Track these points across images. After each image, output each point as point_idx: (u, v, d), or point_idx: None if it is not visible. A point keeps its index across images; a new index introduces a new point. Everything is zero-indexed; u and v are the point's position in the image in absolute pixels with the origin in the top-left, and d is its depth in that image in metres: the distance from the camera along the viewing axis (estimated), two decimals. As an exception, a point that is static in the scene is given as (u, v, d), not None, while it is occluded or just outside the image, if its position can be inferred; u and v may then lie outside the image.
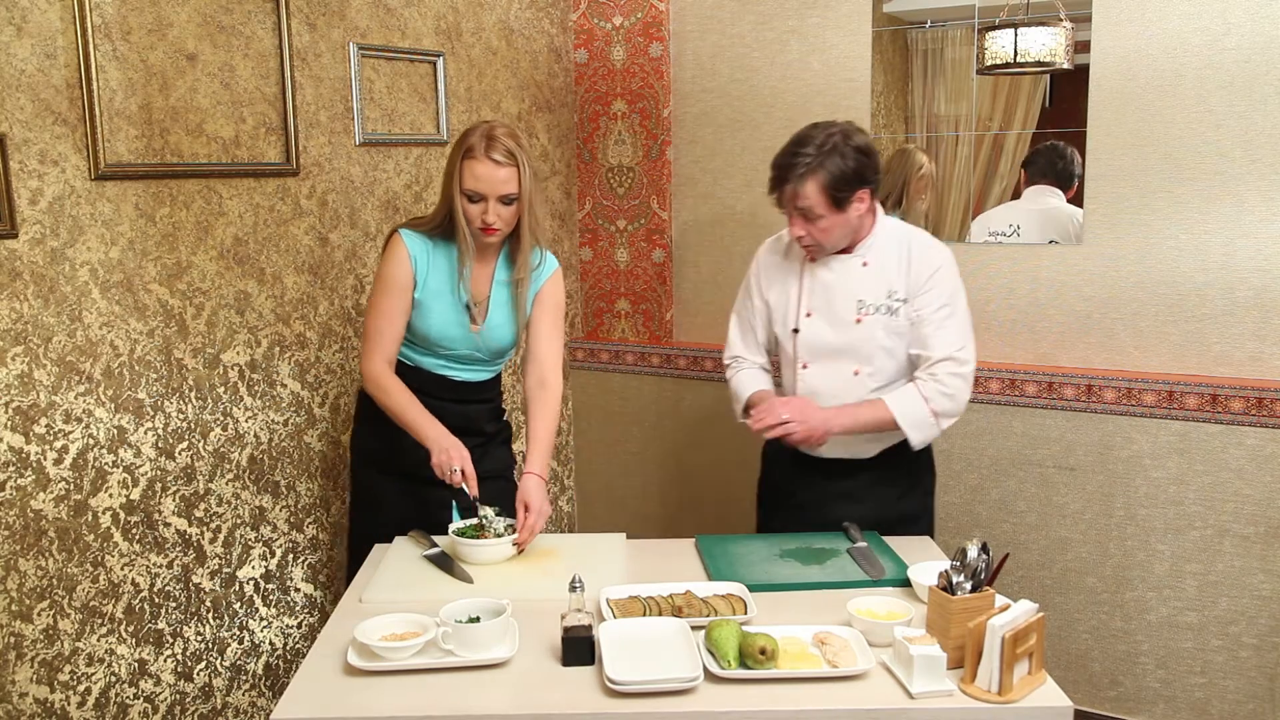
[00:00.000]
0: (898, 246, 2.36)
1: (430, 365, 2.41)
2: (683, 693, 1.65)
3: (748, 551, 2.24)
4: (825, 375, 2.38)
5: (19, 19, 2.12)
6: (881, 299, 2.34)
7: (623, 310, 3.74)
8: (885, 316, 2.33)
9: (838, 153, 2.22)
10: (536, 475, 2.28)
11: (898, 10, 3.20)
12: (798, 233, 2.30)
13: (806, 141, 2.24)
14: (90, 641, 2.35)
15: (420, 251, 2.32)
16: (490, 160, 2.23)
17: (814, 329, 2.38)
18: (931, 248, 2.36)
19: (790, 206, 2.27)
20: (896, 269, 2.34)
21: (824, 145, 2.22)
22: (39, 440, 2.22)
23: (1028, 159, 3.06)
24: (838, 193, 2.23)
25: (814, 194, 2.22)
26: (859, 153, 2.24)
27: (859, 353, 2.35)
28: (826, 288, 2.37)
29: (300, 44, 2.69)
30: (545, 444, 2.35)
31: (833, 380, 2.38)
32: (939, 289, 2.33)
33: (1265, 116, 2.72)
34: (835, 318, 2.36)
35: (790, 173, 2.23)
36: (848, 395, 2.36)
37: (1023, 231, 3.07)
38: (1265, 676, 2.84)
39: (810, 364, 2.40)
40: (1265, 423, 2.75)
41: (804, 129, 2.30)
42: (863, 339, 2.34)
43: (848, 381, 2.37)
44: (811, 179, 2.22)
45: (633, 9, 3.53)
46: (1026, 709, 1.64)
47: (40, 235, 2.19)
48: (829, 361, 2.38)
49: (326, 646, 1.82)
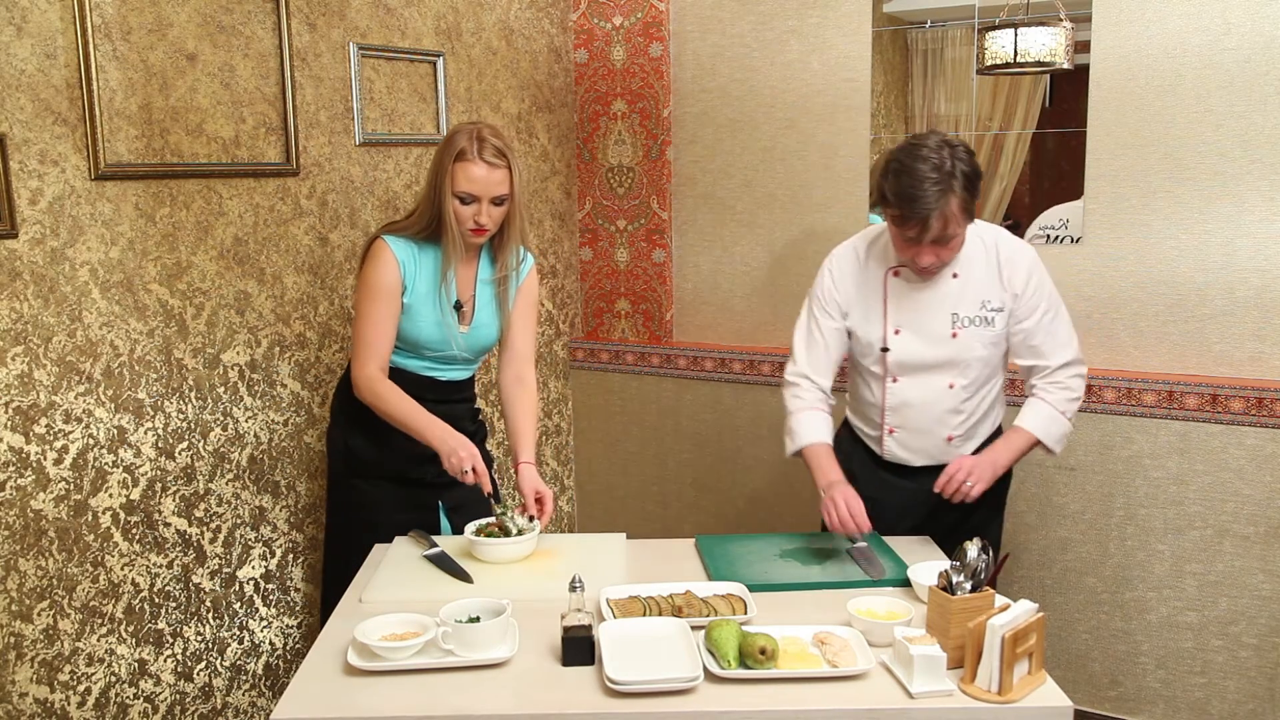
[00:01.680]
0: (985, 254, 2.29)
1: (414, 367, 2.41)
2: (683, 693, 1.65)
3: (748, 551, 2.25)
4: (917, 387, 2.33)
5: (19, 19, 2.12)
6: (975, 310, 2.28)
7: (623, 310, 3.74)
8: (981, 329, 2.29)
9: (958, 159, 2.12)
10: (532, 464, 2.38)
11: (898, 10, 3.20)
12: (929, 261, 2.18)
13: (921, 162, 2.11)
14: (90, 641, 2.35)
15: (407, 256, 2.32)
16: (484, 162, 2.23)
17: (904, 345, 2.31)
18: (1018, 251, 2.30)
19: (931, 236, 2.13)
20: (988, 279, 2.28)
21: (941, 162, 2.10)
22: (39, 440, 2.22)
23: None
24: (973, 199, 2.15)
25: (956, 213, 2.12)
26: (969, 153, 2.16)
27: (955, 365, 2.31)
28: (915, 303, 2.30)
29: (300, 44, 2.69)
30: (531, 436, 2.45)
31: (925, 391, 2.33)
32: (1038, 294, 2.29)
33: (1265, 116, 2.72)
34: (928, 333, 2.30)
35: (931, 202, 2.09)
36: (941, 405, 2.33)
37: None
38: (1265, 676, 2.84)
39: (901, 377, 2.34)
40: (1265, 423, 2.75)
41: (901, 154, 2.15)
42: (959, 352, 2.30)
43: (941, 394, 2.33)
44: (953, 197, 2.11)
45: (633, 9, 3.53)
46: (1026, 709, 1.64)
47: (40, 235, 2.19)
48: (922, 375, 2.33)
49: (326, 646, 1.82)
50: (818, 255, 3.35)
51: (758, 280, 3.51)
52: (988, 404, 2.39)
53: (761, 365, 3.46)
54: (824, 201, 3.34)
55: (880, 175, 2.22)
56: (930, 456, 2.37)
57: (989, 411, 2.41)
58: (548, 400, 3.72)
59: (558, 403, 3.78)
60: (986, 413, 2.40)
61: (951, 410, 2.34)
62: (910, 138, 2.22)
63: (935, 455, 2.37)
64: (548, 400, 3.72)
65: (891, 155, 2.20)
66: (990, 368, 2.34)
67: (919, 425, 2.36)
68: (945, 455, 2.35)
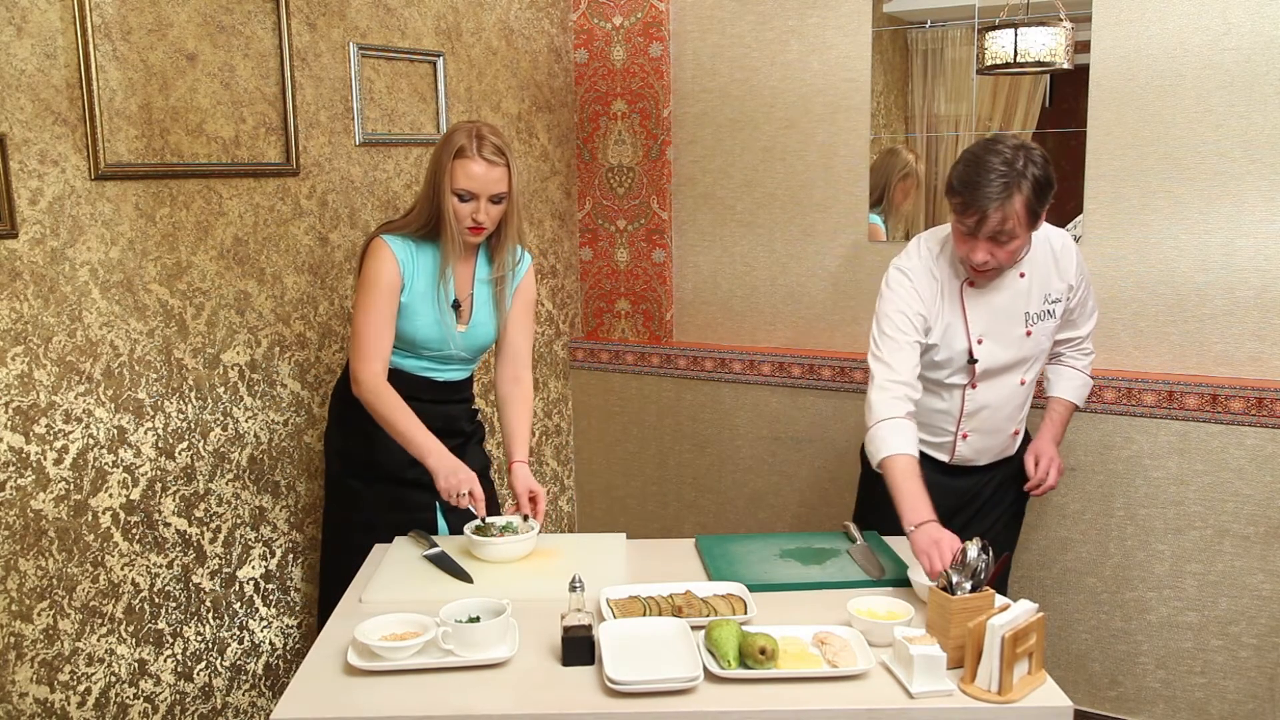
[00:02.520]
0: (1042, 250, 2.33)
1: (412, 367, 2.41)
2: (683, 693, 1.65)
3: (748, 551, 2.25)
4: (994, 390, 2.37)
5: (19, 19, 2.12)
6: (1041, 305, 2.34)
7: (623, 310, 3.74)
8: (1047, 322, 2.36)
9: (1032, 162, 2.10)
10: (525, 463, 2.39)
11: (898, 10, 3.20)
12: (981, 258, 2.16)
13: (996, 156, 2.10)
14: (90, 641, 2.35)
15: (405, 255, 2.32)
16: (483, 160, 2.24)
17: (990, 354, 2.32)
18: (1068, 242, 2.39)
19: (988, 231, 2.12)
20: (1048, 273, 2.34)
21: (1015, 161, 2.09)
22: (39, 440, 2.22)
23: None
24: (1038, 208, 2.13)
25: (1020, 212, 2.10)
26: (1045, 161, 2.13)
27: (1026, 362, 2.37)
28: (992, 309, 2.30)
29: (300, 44, 2.69)
30: (526, 435, 2.46)
31: (999, 392, 2.38)
32: (1085, 274, 2.43)
33: (1265, 116, 2.72)
34: (1006, 336, 2.32)
35: (994, 193, 2.08)
36: (1012, 402, 2.40)
37: None
38: (1265, 676, 2.84)
39: (980, 384, 2.36)
40: (1265, 423, 2.75)
41: (981, 147, 2.14)
42: (1032, 349, 2.36)
43: (1013, 391, 2.39)
44: (1019, 195, 2.08)
45: (633, 9, 3.53)
46: (1026, 709, 1.64)
47: (40, 235, 2.19)
48: (998, 377, 2.36)
49: (326, 646, 1.82)
50: (818, 255, 3.38)
51: (758, 280, 3.51)
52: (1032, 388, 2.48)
53: (761, 365, 3.46)
54: (824, 201, 3.34)
55: (952, 167, 2.19)
56: (996, 454, 2.47)
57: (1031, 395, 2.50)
58: (548, 400, 3.72)
59: (558, 403, 3.78)
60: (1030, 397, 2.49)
61: (1020, 405, 2.44)
62: (991, 135, 2.24)
63: (1000, 451, 2.47)
64: (548, 400, 3.72)
65: (968, 148, 2.19)
66: (1047, 355, 2.46)
67: (992, 425, 2.41)
68: (1007, 449, 2.47)
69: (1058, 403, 2.52)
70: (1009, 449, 2.48)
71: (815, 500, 3.43)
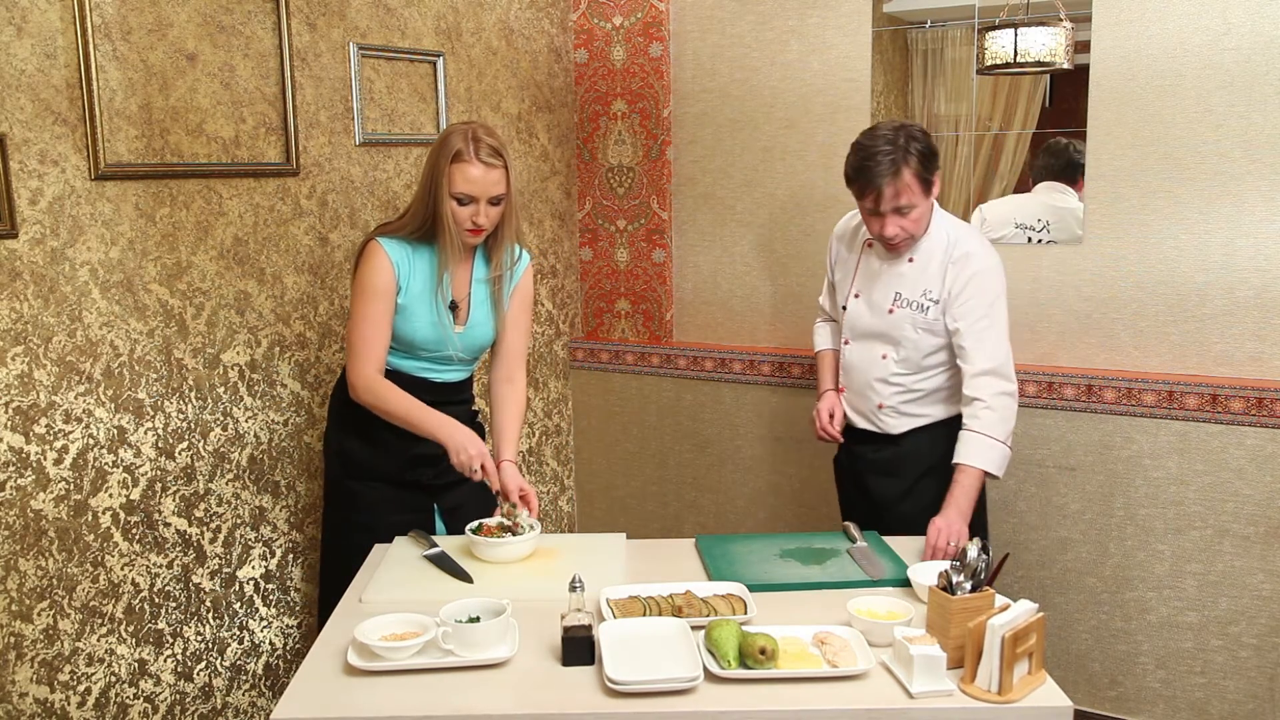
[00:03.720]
0: (943, 249, 2.44)
1: (410, 368, 2.41)
2: (683, 693, 1.65)
3: (748, 551, 2.25)
4: (861, 353, 2.56)
5: (19, 19, 2.12)
6: (916, 296, 2.45)
7: (623, 310, 3.74)
8: (915, 313, 2.45)
9: (912, 137, 2.32)
10: (514, 462, 2.40)
11: (898, 10, 3.20)
12: (892, 231, 2.37)
13: (878, 140, 2.33)
14: (90, 641, 2.35)
15: (401, 257, 2.31)
16: (482, 162, 2.23)
17: (857, 310, 2.56)
18: (975, 255, 2.42)
19: (889, 205, 2.33)
20: (937, 272, 2.44)
21: (896, 138, 2.31)
22: (39, 440, 2.22)
23: (1030, 163, 3.05)
24: (928, 175, 2.33)
25: (911, 182, 2.31)
26: (924, 134, 2.36)
27: (889, 338, 2.50)
28: (873, 274, 2.54)
29: (300, 44, 2.69)
30: (516, 434, 2.48)
31: (865, 358, 2.55)
32: (977, 299, 2.40)
33: (1265, 116, 2.72)
34: (874, 303, 2.52)
35: (883, 170, 2.30)
36: (875, 373, 2.53)
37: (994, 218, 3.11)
38: (1265, 676, 2.84)
39: (851, 341, 2.59)
40: (1265, 423, 2.75)
41: (864, 135, 2.39)
42: (893, 327, 2.49)
43: (876, 362, 2.53)
44: (906, 167, 2.30)
45: (633, 9, 3.53)
46: (1026, 709, 1.64)
47: (40, 235, 2.19)
48: (865, 342, 2.55)
49: (326, 646, 1.82)
50: (818, 255, 3.38)
51: (758, 280, 3.51)
52: (926, 389, 2.51)
53: (761, 365, 3.46)
54: (824, 201, 3.34)
55: (845, 160, 2.41)
56: (866, 420, 2.59)
57: (928, 398, 2.52)
58: (548, 400, 3.72)
59: (558, 403, 3.78)
60: (925, 398, 2.52)
61: (882, 380, 2.52)
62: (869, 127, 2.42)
63: (869, 420, 2.58)
64: (548, 400, 3.72)
65: (855, 141, 2.41)
66: (920, 351, 2.47)
67: (857, 387, 2.59)
68: (878, 422, 2.56)
69: (962, 471, 2.33)
70: (880, 423, 2.55)
71: (815, 500, 3.43)
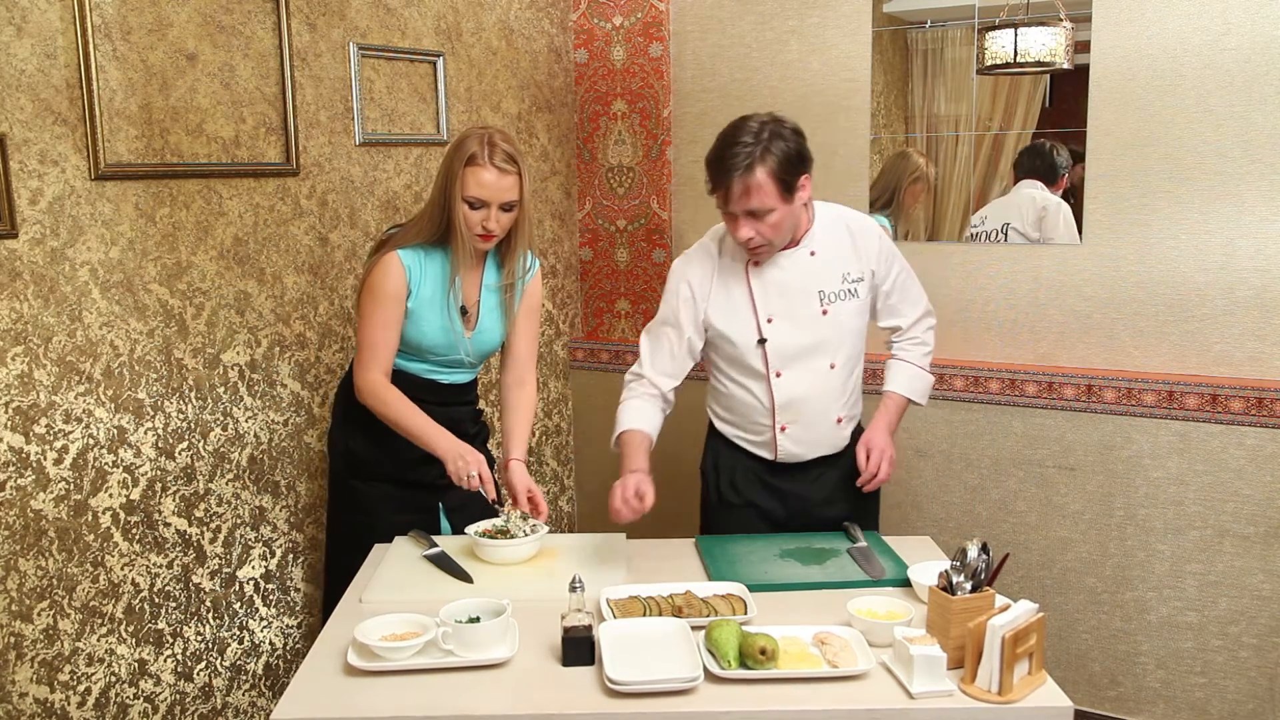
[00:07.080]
0: (836, 230, 2.34)
1: (417, 370, 2.42)
2: (683, 693, 1.65)
3: (748, 551, 2.24)
4: (801, 377, 2.32)
5: (19, 19, 2.12)
6: (839, 285, 2.32)
7: (623, 310, 3.74)
8: (847, 301, 2.33)
9: (779, 136, 2.12)
10: (522, 461, 2.41)
11: (898, 10, 3.20)
12: (746, 234, 2.18)
13: (741, 132, 2.13)
14: (90, 641, 2.35)
15: (414, 263, 2.32)
16: (495, 168, 2.23)
17: (780, 333, 2.30)
18: (867, 221, 2.40)
19: (739, 205, 2.14)
20: (844, 252, 2.33)
21: (761, 133, 2.11)
22: (39, 440, 2.22)
23: (1015, 162, 3.07)
24: (788, 178, 2.13)
25: (765, 183, 2.11)
26: (796, 134, 2.16)
27: (830, 344, 2.32)
28: (782, 288, 2.30)
29: (300, 44, 2.69)
30: (526, 435, 2.49)
31: (809, 381, 2.32)
32: (891, 257, 2.40)
33: (1265, 116, 2.72)
34: (799, 316, 2.30)
35: (737, 165, 2.10)
36: (826, 392, 2.33)
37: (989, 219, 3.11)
38: (1265, 676, 2.84)
39: (784, 371, 2.31)
40: (1265, 423, 2.75)
41: (730, 125, 2.18)
42: (832, 329, 2.31)
43: (825, 377, 2.33)
44: (760, 167, 2.10)
45: (633, 9, 3.53)
46: (1026, 709, 1.64)
47: (40, 235, 2.19)
48: (802, 362, 2.32)
49: (326, 646, 1.82)
50: (818, 255, 3.37)
51: (758, 280, 3.51)
52: (859, 377, 2.43)
53: (761, 365, 3.45)
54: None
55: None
56: (823, 446, 2.38)
57: (859, 385, 2.45)
58: (548, 400, 3.72)
59: (558, 403, 3.78)
60: (858, 386, 2.44)
61: (837, 391, 2.35)
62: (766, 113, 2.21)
63: (827, 443, 2.39)
64: (548, 400, 3.72)
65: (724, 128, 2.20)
66: (860, 340, 2.39)
67: (810, 416, 2.35)
68: (835, 441, 2.39)
69: (888, 396, 2.41)
70: (837, 440, 2.39)
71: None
